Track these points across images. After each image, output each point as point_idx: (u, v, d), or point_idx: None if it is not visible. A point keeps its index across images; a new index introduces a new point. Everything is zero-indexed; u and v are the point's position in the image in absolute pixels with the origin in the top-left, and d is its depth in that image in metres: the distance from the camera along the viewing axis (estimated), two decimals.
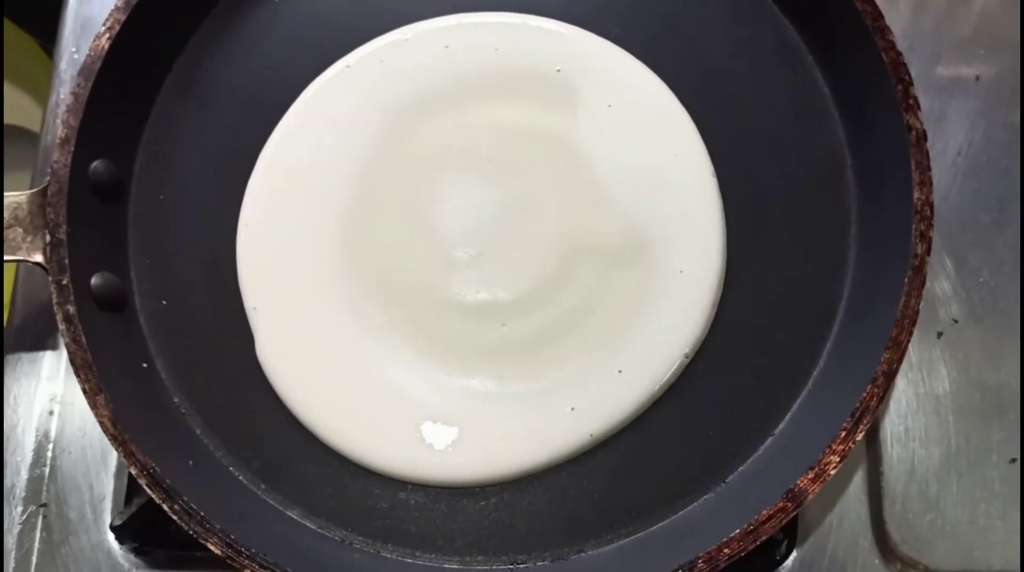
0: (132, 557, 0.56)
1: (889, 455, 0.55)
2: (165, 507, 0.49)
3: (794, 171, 0.57)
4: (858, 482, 0.55)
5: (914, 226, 0.51)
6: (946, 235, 0.59)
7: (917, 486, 0.55)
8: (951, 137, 0.61)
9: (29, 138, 0.79)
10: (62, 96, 0.63)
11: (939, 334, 0.57)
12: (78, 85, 0.55)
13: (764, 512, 0.48)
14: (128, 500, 0.56)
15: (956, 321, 0.57)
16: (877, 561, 0.54)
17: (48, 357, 0.60)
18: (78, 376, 0.51)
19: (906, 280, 0.51)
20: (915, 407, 0.56)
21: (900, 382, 0.57)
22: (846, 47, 0.56)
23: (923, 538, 0.54)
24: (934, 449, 0.56)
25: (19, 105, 0.84)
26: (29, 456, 0.57)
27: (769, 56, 0.59)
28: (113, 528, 0.55)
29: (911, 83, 0.53)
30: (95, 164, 0.56)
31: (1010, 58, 0.62)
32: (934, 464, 0.55)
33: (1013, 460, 0.55)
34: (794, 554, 0.54)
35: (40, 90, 0.85)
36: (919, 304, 0.50)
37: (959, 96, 0.62)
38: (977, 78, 0.62)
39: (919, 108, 0.52)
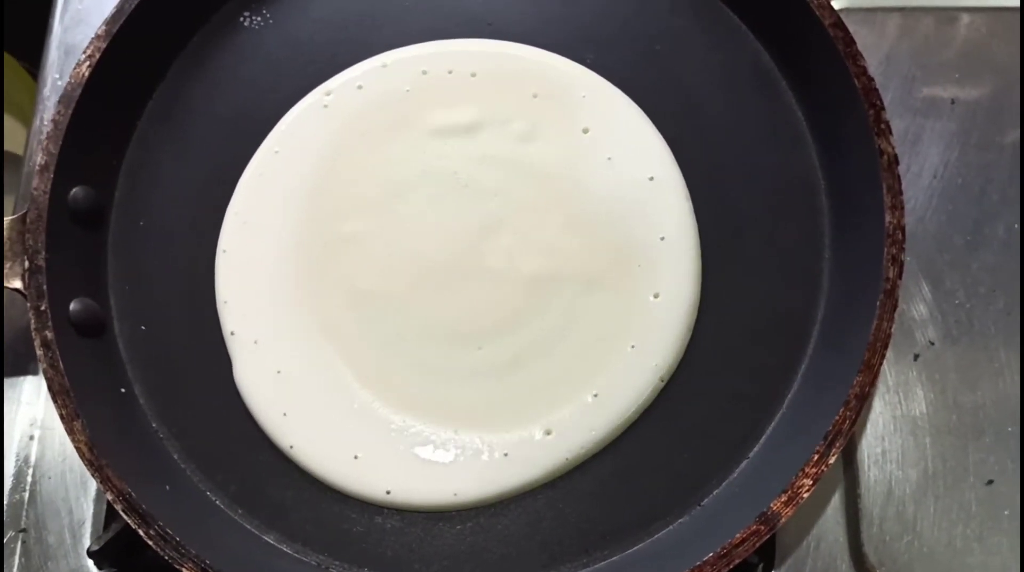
0: None
1: (866, 477, 0.55)
2: (141, 532, 0.49)
3: (769, 195, 0.58)
4: (835, 504, 0.55)
5: (886, 250, 0.52)
6: (922, 257, 0.59)
7: (894, 508, 0.55)
8: (927, 160, 0.61)
9: (17, 162, 0.79)
10: (45, 122, 0.64)
11: (916, 356, 0.57)
12: (58, 112, 0.56)
13: (737, 535, 0.48)
14: (107, 525, 0.56)
15: (932, 343, 0.58)
16: None
17: (29, 382, 0.60)
18: (55, 402, 0.52)
19: (878, 304, 0.51)
20: (892, 429, 0.56)
21: (877, 404, 0.57)
22: (819, 72, 0.56)
23: (900, 560, 0.54)
24: (911, 471, 0.55)
25: (7, 129, 0.84)
26: (9, 481, 0.58)
27: (744, 81, 0.60)
28: (91, 553, 0.55)
29: (883, 108, 0.53)
30: (75, 191, 0.57)
31: (989, 81, 0.63)
32: (911, 486, 0.55)
33: (990, 481, 0.55)
34: None
35: (27, 115, 0.85)
36: (891, 327, 0.51)
37: (935, 119, 0.62)
38: (953, 101, 0.62)
39: (891, 133, 0.53)
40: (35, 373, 0.60)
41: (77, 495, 0.58)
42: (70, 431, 0.51)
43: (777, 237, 0.57)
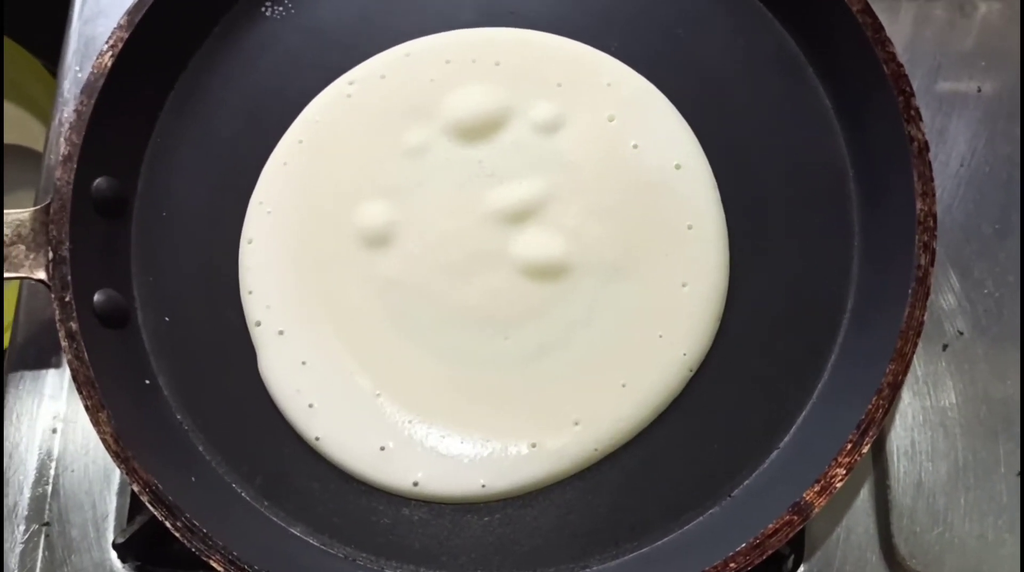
0: None
1: (896, 469, 0.55)
2: (168, 524, 0.49)
3: (796, 182, 0.57)
4: (865, 496, 0.55)
5: (917, 237, 0.51)
6: (950, 247, 0.58)
7: (924, 500, 0.54)
8: (953, 149, 0.60)
9: (32, 157, 0.80)
10: (65, 115, 0.63)
11: (944, 347, 0.57)
12: (81, 103, 0.55)
13: (770, 526, 0.48)
14: (131, 518, 0.56)
15: (961, 333, 0.57)
16: None
17: (51, 375, 0.59)
18: (80, 393, 0.51)
19: (910, 291, 0.50)
20: (921, 421, 0.56)
21: (906, 395, 0.56)
22: (847, 59, 0.56)
23: (931, 552, 0.53)
24: (941, 463, 0.55)
25: (22, 124, 0.84)
26: (32, 475, 0.57)
27: (770, 68, 0.59)
28: (115, 546, 0.54)
29: (912, 94, 0.53)
30: (98, 181, 0.56)
31: (1012, 69, 0.62)
32: (941, 478, 0.55)
33: (1021, 472, 0.54)
34: (801, 569, 0.54)
35: (43, 110, 0.85)
36: (924, 315, 0.50)
37: (960, 107, 0.61)
38: (979, 89, 0.62)
39: (920, 119, 0.52)
40: (57, 366, 0.59)
41: (100, 488, 0.57)
42: (96, 422, 0.51)
43: (805, 225, 0.56)
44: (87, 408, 0.51)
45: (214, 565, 0.48)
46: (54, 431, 0.58)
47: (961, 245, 0.59)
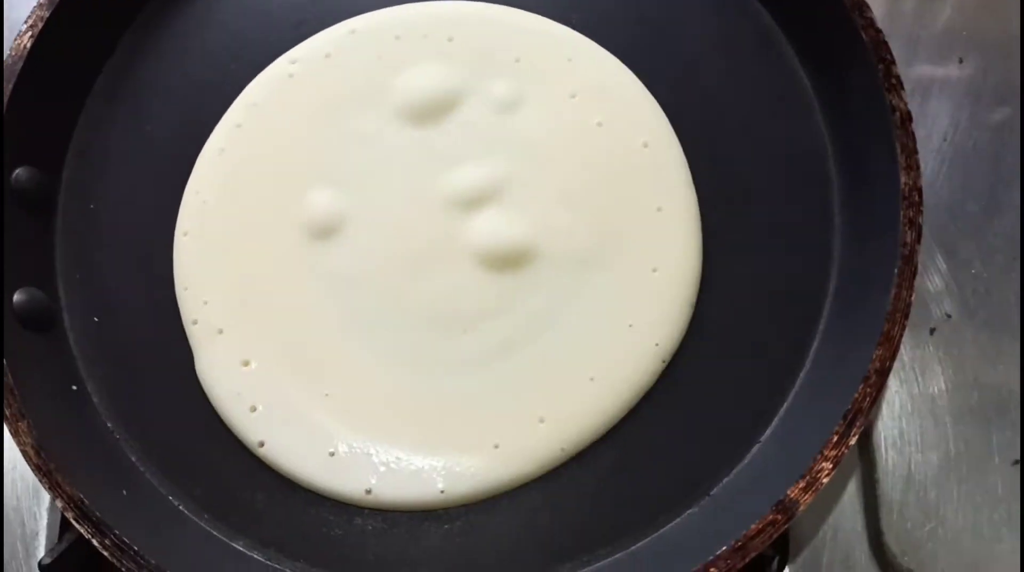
0: None
1: (884, 461, 0.53)
2: (95, 542, 0.46)
3: (773, 162, 0.55)
4: (852, 491, 0.53)
5: (902, 213, 0.49)
6: (934, 226, 0.56)
7: (915, 493, 0.52)
8: (935, 122, 0.58)
9: None
10: None
11: (931, 331, 0.55)
12: None
13: (753, 526, 0.45)
14: (61, 536, 0.52)
15: (949, 316, 0.55)
16: None
17: None
18: None
19: (896, 271, 0.48)
20: (909, 409, 0.54)
21: (892, 383, 0.54)
22: (824, 29, 0.53)
23: (924, 549, 0.51)
24: (931, 453, 0.53)
25: None
26: None
27: (744, 43, 0.57)
28: (42, 568, 0.50)
29: (893, 62, 0.50)
30: (17, 171, 0.53)
31: (995, 39, 0.60)
32: (932, 469, 0.53)
33: (1016, 462, 0.52)
34: (786, 570, 0.51)
35: None
36: (911, 296, 0.48)
37: (942, 80, 0.59)
38: (960, 60, 0.59)
39: (902, 88, 0.50)
40: None
41: (29, 505, 0.54)
42: (15, 433, 0.47)
43: (783, 206, 0.54)
44: (6, 417, 0.48)
45: None
46: None
47: (946, 224, 0.56)
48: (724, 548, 0.45)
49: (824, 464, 0.46)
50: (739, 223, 0.54)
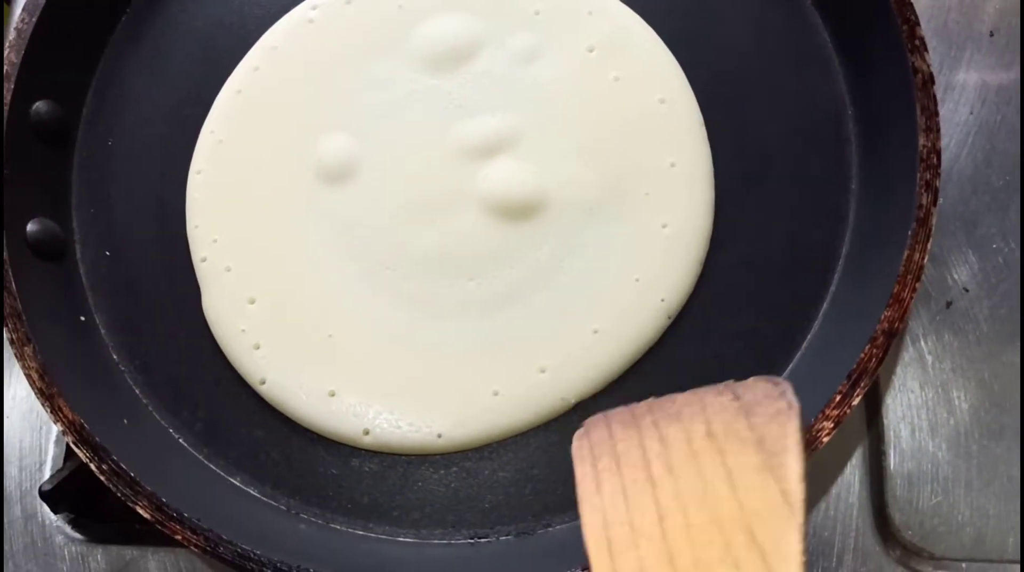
0: (68, 529, 0.52)
1: (891, 435, 0.51)
2: (92, 466, 0.46)
3: (791, 121, 0.54)
4: (856, 463, 0.51)
5: (919, 175, 0.47)
6: (956, 199, 0.55)
7: (922, 468, 0.51)
8: (962, 95, 0.57)
9: None
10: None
11: (948, 304, 0.53)
12: (22, 20, 0.53)
13: None
14: (63, 466, 0.53)
15: (967, 290, 0.53)
16: (878, 548, 0.50)
17: None
18: (6, 325, 0.48)
19: (909, 233, 0.47)
20: (922, 382, 0.52)
21: (905, 355, 0.53)
22: None
23: (928, 524, 0.50)
24: (941, 429, 0.52)
25: None
26: None
27: (766, 1, 0.55)
28: (43, 493, 0.51)
29: (917, 23, 0.49)
30: (38, 104, 0.53)
31: None
32: (941, 445, 0.51)
33: None
34: None
35: None
36: (924, 259, 0.47)
37: (972, 51, 0.58)
38: (991, 33, 0.58)
39: (926, 50, 0.49)
40: None
41: (36, 436, 0.54)
42: (20, 356, 0.48)
43: (798, 166, 0.53)
44: (12, 342, 0.48)
45: (140, 512, 0.45)
46: None
47: (968, 197, 0.55)
48: None
49: (825, 423, 0.45)
50: (753, 182, 0.53)
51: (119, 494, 0.45)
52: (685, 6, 0.56)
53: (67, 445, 0.53)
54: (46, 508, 0.52)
